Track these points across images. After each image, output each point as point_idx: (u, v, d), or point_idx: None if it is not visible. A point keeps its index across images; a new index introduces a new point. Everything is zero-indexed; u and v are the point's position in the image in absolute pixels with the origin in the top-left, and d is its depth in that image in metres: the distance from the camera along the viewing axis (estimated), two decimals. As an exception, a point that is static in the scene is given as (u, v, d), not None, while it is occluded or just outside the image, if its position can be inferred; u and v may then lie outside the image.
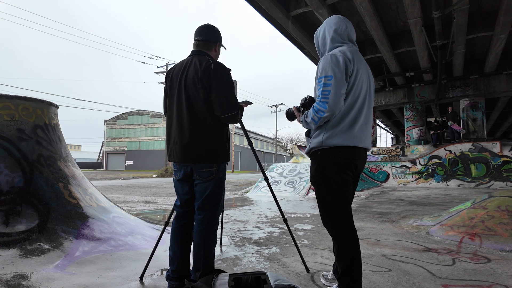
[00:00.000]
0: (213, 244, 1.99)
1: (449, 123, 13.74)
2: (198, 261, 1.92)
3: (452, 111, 14.08)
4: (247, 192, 9.47)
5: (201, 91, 1.93)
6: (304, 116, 1.89)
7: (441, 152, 12.16)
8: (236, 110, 1.96)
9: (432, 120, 16.32)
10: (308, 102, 1.92)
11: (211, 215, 1.98)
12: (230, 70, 2.03)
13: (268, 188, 5.58)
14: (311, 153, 1.91)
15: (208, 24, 2.15)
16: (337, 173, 1.79)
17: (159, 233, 2.78)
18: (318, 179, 1.85)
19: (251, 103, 2.32)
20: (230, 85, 1.97)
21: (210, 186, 1.96)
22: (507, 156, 10.90)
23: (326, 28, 1.95)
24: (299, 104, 1.99)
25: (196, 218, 2.00)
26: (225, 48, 2.26)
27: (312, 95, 1.97)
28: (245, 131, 2.65)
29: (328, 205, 1.82)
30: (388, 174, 12.82)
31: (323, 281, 2.16)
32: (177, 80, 2.02)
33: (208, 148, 1.95)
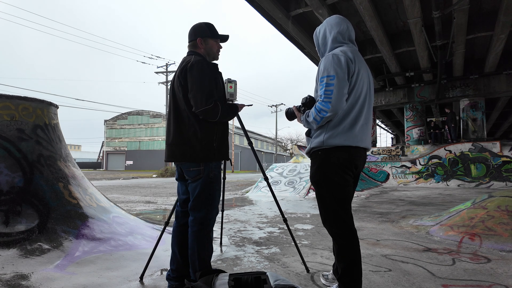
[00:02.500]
0: (208, 244, 1.95)
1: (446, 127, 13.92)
2: (194, 262, 1.92)
3: (450, 112, 14.13)
4: (247, 192, 9.47)
5: (180, 89, 1.93)
6: (305, 116, 1.88)
7: (441, 152, 12.16)
8: (211, 103, 1.84)
9: (433, 119, 16.35)
10: (309, 102, 1.91)
11: (202, 215, 1.93)
12: (216, 65, 1.98)
13: (268, 188, 5.57)
14: (312, 153, 1.91)
15: (191, 26, 2.13)
16: (337, 173, 1.79)
17: (159, 233, 2.78)
18: (319, 179, 1.84)
19: (251, 105, 2.30)
20: (204, 79, 1.88)
21: (198, 186, 1.93)
22: (507, 156, 10.90)
23: (327, 27, 1.95)
24: (299, 104, 1.99)
25: (188, 220, 1.97)
26: (217, 37, 2.10)
27: (313, 95, 1.97)
28: (245, 131, 2.65)
29: (329, 205, 1.82)
30: (388, 174, 12.81)
31: (323, 281, 2.16)
32: (171, 82, 2.08)
33: (192, 146, 1.91)
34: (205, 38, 2.07)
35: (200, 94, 1.85)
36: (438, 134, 14.06)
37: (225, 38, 2.15)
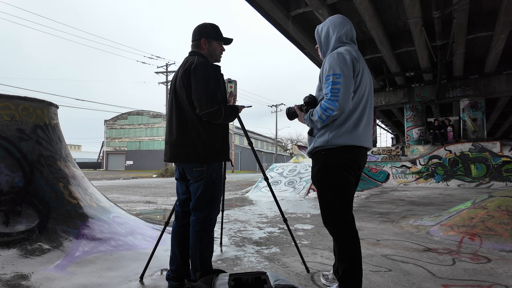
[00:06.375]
0: (210, 244, 1.97)
1: (449, 128, 13.96)
2: (195, 262, 1.92)
3: (449, 124, 14.31)
4: (247, 192, 9.47)
5: (183, 90, 1.93)
6: (309, 115, 1.86)
7: (441, 152, 12.16)
8: (215, 106, 1.87)
9: (432, 119, 16.41)
10: (312, 101, 1.90)
11: (204, 215, 1.95)
12: (219, 67, 1.99)
13: (268, 188, 5.57)
14: (314, 153, 1.89)
15: (196, 25, 2.13)
16: (341, 173, 1.78)
17: (159, 233, 2.78)
18: (321, 179, 1.83)
19: (250, 106, 2.32)
20: (209, 82, 1.89)
21: (201, 186, 1.94)
22: (507, 156, 10.90)
23: (330, 26, 1.93)
24: (301, 103, 1.97)
25: (190, 220, 1.98)
26: (221, 40, 2.10)
27: (314, 94, 1.96)
28: (245, 131, 2.65)
29: (331, 206, 1.81)
30: (388, 174, 12.81)
31: (323, 281, 2.16)
32: (172, 82, 2.07)
33: (195, 147, 1.92)
34: (209, 39, 2.06)
35: (204, 96, 1.86)
36: (438, 134, 14.08)
37: (228, 41, 2.14)
